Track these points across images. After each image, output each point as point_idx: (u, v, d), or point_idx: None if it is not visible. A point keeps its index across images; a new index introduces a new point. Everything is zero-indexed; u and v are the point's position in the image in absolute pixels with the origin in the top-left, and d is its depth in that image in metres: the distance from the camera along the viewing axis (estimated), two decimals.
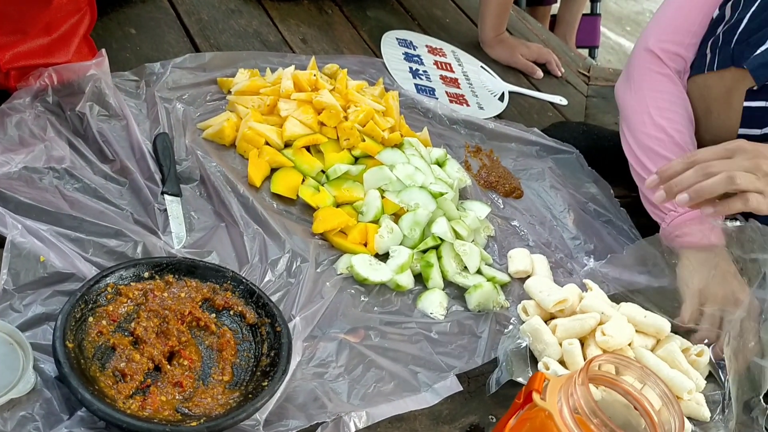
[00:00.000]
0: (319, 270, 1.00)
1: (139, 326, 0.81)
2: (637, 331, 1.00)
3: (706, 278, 1.06)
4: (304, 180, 1.11)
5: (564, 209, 1.27)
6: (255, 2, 1.52)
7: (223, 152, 1.12)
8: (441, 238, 1.07)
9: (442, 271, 1.05)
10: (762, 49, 1.09)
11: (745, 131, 1.16)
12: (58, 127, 1.03)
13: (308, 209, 1.08)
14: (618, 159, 1.42)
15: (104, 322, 0.80)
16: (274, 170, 1.11)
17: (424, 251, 1.07)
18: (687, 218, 1.11)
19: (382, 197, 1.10)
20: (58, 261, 0.85)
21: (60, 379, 0.74)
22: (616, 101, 1.30)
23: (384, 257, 1.05)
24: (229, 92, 1.22)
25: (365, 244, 1.05)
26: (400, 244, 1.06)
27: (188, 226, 0.99)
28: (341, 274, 1.01)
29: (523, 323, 0.98)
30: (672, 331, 1.01)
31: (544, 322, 0.98)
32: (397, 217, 1.10)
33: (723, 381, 1.00)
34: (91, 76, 1.07)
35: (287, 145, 1.15)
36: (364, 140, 1.17)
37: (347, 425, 0.82)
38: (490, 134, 1.38)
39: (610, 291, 1.07)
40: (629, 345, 0.98)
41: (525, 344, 0.94)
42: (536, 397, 0.71)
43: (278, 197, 1.09)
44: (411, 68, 1.49)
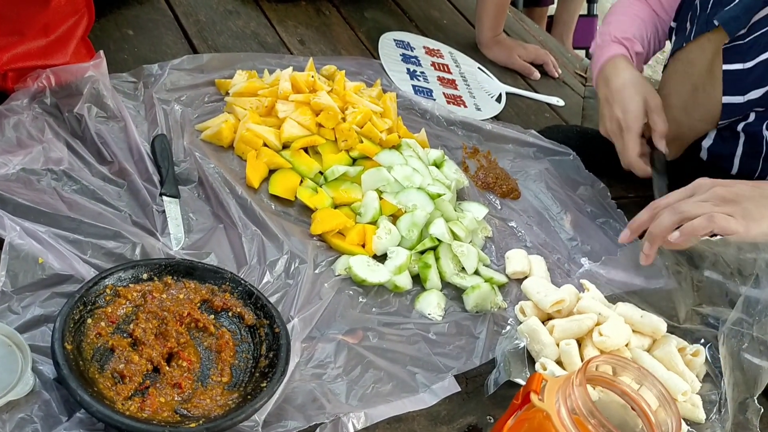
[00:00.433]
0: (317, 271, 1.00)
1: (137, 328, 0.81)
2: (633, 331, 1.00)
3: (601, 106, 1.24)
4: (302, 181, 1.11)
5: (561, 210, 1.28)
6: (253, 4, 1.52)
7: (221, 154, 1.13)
8: (439, 239, 1.07)
9: (440, 272, 1.06)
10: (733, 3, 1.11)
11: (729, 99, 1.17)
12: (56, 128, 1.03)
13: (306, 210, 1.08)
14: (613, 160, 1.42)
15: (103, 324, 0.81)
16: (272, 171, 1.11)
17: (422, 252, 1.07)
18: (593, 60, 1.29)
19: (380, 198, 1.10)
20: (56, 263, 0.85)
21: (59, 380, 0.75)
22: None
23: (382, 258, 1.05)
24: (227, 94, 1.22)
25: (363, 246, 1.05)
26: (398, 245, 1.06)
27: (186, 228, 0.99)
28: (339, 275, 1.01)
29: (521, 324, 0.99)
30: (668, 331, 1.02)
31: (542, 322, 0.99)
32: (395, 218, 1.10)
33: (719, 381, 1.01)
34: (89, 78, 1.07)
35: (285, 146, 1.15)
36: (361, 141, 1.17)
37: (346, 426, 0.82)
38: (487, 135, 1.39)
39: (607, 292, 1.08)
40: (626, 345, 0.98)
41: (523, 345, 0.94)
42: (534, 397, 0.72)
43: (276, 198, 1.09)
44: (408, 69, 1.50)
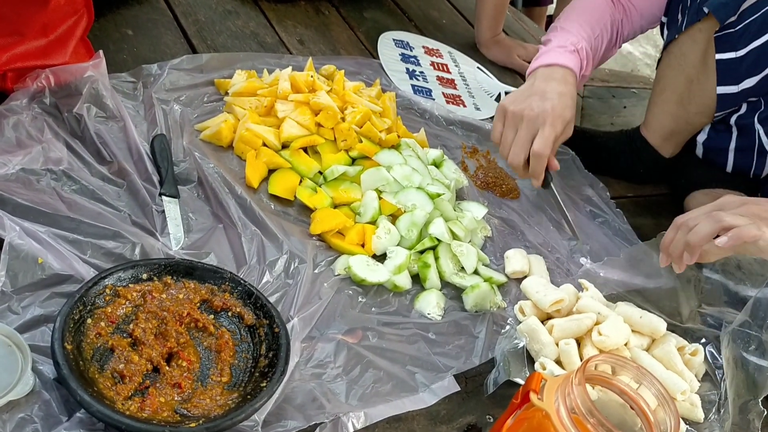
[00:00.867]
0: (316, 271, 1.00)
1: (137, 328, 0.81)
2: (632, 331, 1.00)
3: (517, 93, 1.10)
4: (301, 181, 1.11)
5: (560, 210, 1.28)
6: (252, 3, 1.52)
7: (221, 153, 1.13)
8: (438, 239, 1.07)
9: (440, 272, 1.06)
10: None
11: (724, 90, 1.17)
12: (56, 128, 1.03)
13: (306, 210, 1.09)
14: (611, 160, 1.43)
15: (103, 324, 0.81)
16: (271, 171, 1.11)
17: (422, 252, 1.07)
18: (536, 57, 1.17)
19: (380, 198, 1.10)
20: (56, 263, 0.85)
21: (59, 380, 0.75)
22: None
23: (381, 258, 1.05)
24: (227, 93, 1.22)
25: (363, 245, 1.06)
26: (398, 245, 1.06)
27: (186, 228, 0.99)
28: (339, 275, 1.01)
29: (520, 323, 0.99)
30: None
31: (541, 322, 0.99)
32: (394, 218, 1.10)
33: (719, 381, 1.01)
34: (88, 78, 1.08)
35: (284, 146, 1.15)
36: (361, 141, 1.17)
37: (345, 426, 0.83)
38: (486, 135, 1.39)
39: (607, 291, 1.08)
40: (625, 345, 0.99)
41: (522, 344, 0.95)
42: (533, 397, 0.72)
43: (276, 198, 1.09)
44: (408, 69, 1.50)
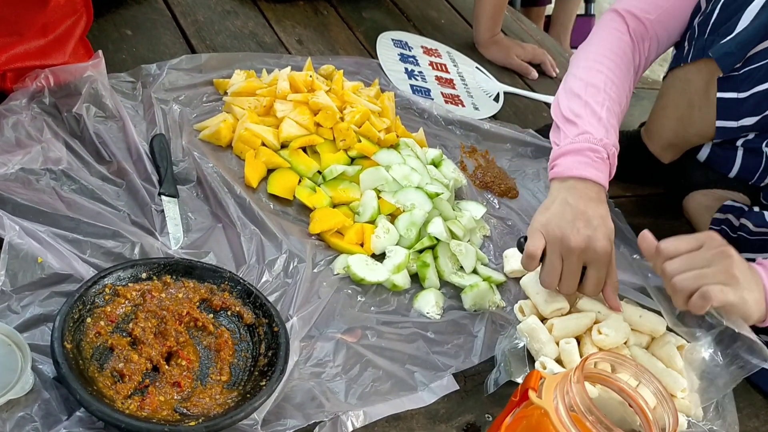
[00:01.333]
0: (316, 270, 1.00)
1: (137, 327, 0.81)
2: (632, 330, 1.00)
3: (556, 212, 0.97)
4: (300, 181, 1.11)
5: None
6: (251, 3, 1.52)
7: (220, 153, 1.13)
8: (437, 238, 1.07)
9: (438, 271, 1.06)
10: (728, 38, 1.09)
11: (723, 123, 1.16)
12: (55, 128, 1.03)
13: (305, 210, 1.09)
14: None
15: (102, 323, 0.81)
16: (270, 171, 1.11)
17: (421, 251, 1.07)
18: (564, 150, 1.05)
19: (379, 198, 1.10)
20: (55, 262, 0.85)
21: (58, 379, 0.75)
22: None
23: (380, 257, 1.05)
24: (226, 93, 1.22)
25: (362, 245, 1.06)
26: (397, 245, 1.06)
27: (185, 227, 0.99)
28: (338, 274, 1.01)
29: (520, 323, 0.99)
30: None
31: (541, 320, 0.99)
32: (393, 217, 1.10)
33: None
34: (87, 78, 1.08)
35: (284, 146, 1.15)
36: (360, 141, 1.18)
37: (345, 424, 0.83)
38: (485, 135, 1.39)
39: None
40: (625, 344, 0.99)
41: (523, 344, 0.95)
42: (532, 395, 0.72)
43: (275, 198, 1.09)
44: (406, 69, 1.50)
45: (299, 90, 1.21)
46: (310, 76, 1.23)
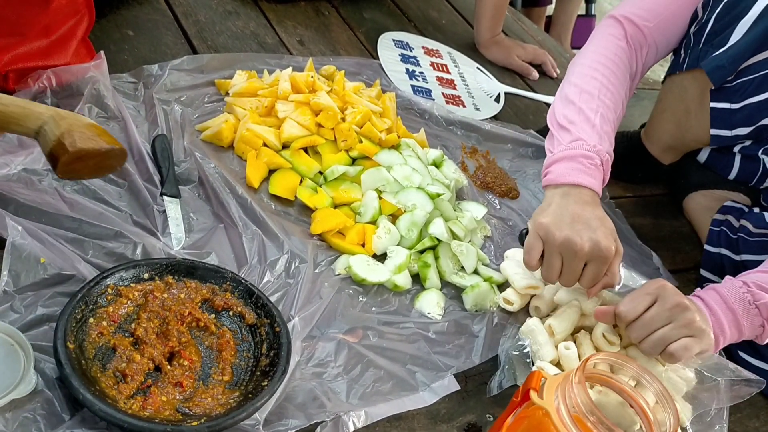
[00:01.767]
0: (317, 270, 1.00)
1: (139, 327, 0.82)
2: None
3: (554, 216, 0.98)
4: (302, 181, 1.12)
5: None
6: (252, 4, 1.52)
7: (222, 154, 1.13)
8: (438, 239, 1.08)
9: (440, 272, 1.06)
10: (719, 51, 1.10)
11: (717, 132, 1.17)
12: None
13: (306, 210, 1.09)
14: (610, 159, 1.43)
15: (105, 323, 0.81)
16: (272, 171, 1.12)
17: (422, 252, 1.07)
18: (557, 157, 1.05)
19: (380, 198, 1.11)
20: (58, 262, 0.85)
21: (61, 379, 0.75)
22: None
23: (382, 258, 1.05)
24: (227, 94, 1.22)
25: (363, 245, 1.06)
26: (398, 245, 1.07)
27: (187, 228, 0.99)
28: (339, 274, 1.01)
29: (522, 325, 0.99)
30: None
31: (540, 320, 0.99)
32: (394, 217, 1.10)
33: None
34: (89, 78, 1.08)
35: (285, 146, 1.15)
36: (361, 141, 1.18)
37: (346, 424, 0.83)
38: (486, 135, 1.39)
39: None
40: (621, 343, 0.99)
41: (527, 348, 0.95)
42: (534, 395, 0.72)
43: (276, 198, 1.09)
44: (407, 69, 1.50)
45: (300, 90, 1.21)
46: (312, 77, 1.23)
